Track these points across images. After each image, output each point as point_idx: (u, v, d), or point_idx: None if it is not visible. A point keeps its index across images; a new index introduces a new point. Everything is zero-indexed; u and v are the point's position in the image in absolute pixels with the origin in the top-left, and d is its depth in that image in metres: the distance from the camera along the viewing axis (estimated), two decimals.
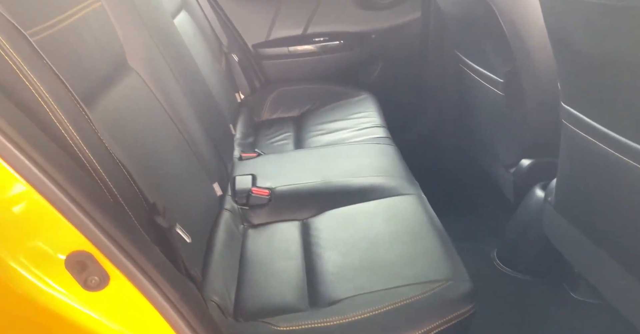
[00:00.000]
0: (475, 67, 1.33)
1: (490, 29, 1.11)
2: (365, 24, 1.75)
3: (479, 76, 1.32)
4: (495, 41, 1.14)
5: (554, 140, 0.95)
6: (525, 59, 1.08)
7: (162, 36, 0.96)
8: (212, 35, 1.52)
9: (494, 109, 1.29)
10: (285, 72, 1.81)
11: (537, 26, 1.02)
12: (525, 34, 1.04)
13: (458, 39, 1.45)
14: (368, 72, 1.82)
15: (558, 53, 0.82)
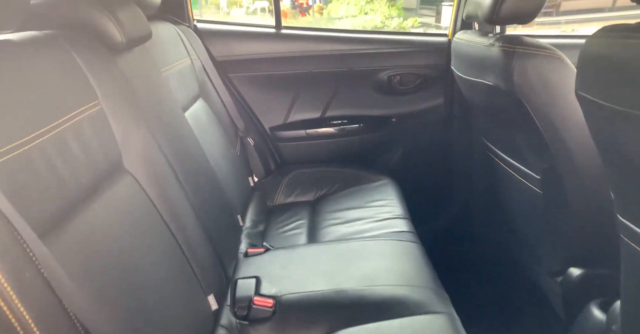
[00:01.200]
0: (506, 159, 1.22)
1: (521, 123, 1.02)
2: (386, 108, 1.71)
3: (511, 168, 1.21)
4: (528, 136, 1.04)
5: (608, 249, 0.80)
6: (565, 158, 0.97)
7: (166, 133, 0.91)
8: (228, 121, 1.50)
9: (532, 205, 1.15)
10: (302, 154, 1.75)
11: (576, 122, 0.92)
12: (563, 130, 0.95)
13: (485, 127, 1.37)
14: (388, 156, 1.75)
15: (607, 161, 0.71)
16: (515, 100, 0.98)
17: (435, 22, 10.07)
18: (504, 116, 1.12)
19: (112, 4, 0.83)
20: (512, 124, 1.10)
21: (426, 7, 11.38)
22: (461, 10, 1.49)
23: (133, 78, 0.87)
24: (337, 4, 10.56)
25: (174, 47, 1.25)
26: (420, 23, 10.14)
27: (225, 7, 11.71)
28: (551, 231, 1.10)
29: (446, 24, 1.59)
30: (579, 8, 7.99)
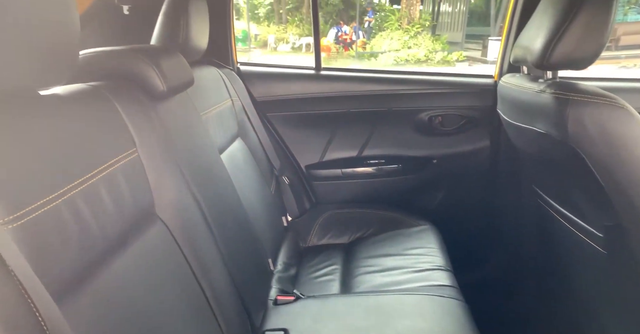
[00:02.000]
0: (562, 211, 1.10)
1: (578, 175, 0.92)
2: (426, 149, 1.64)
3: (567, 222, 1.09)
4: (586, 189, 0.93)
5: None
6: (632, 216, 0.85)
7: (200, 177, 0.91)
8: (264, 160, 1.50)
9: (594, 266, 1.02)
10: (337, 194, 1.71)
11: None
12: (629, 186, 0.83)
13: (535, 175, 1.26)
14: (428, 199, 1.66)
15: None
16: (570, 150, 0.88)
17: (482, 56, 9.99)
18: (558, 165, 1.02)
19: (157, 54, 0.86)
20: (567, 175, 0.99)
21: (472, 41, 11.35)
22: (508, 53, 1.43)
23: (172, 124, 0.88)
24: (380, 39, 10.79)
25: (216, 90, 1.29)
26: (465, 57, 10.08)
27: (272, 43, 12.37)
28: (618, 297, 0.96)
29: (492, 58, 1.53)
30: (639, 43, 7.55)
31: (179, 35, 1.04)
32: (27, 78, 0.54)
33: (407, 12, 10.93)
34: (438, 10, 13.27)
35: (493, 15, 10.78)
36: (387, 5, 12.30)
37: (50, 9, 0.53)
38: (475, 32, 11.65)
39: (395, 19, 11.05)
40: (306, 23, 12.71)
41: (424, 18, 11.27)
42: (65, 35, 0.56)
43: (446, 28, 12.90)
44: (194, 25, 1.08)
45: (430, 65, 9.82)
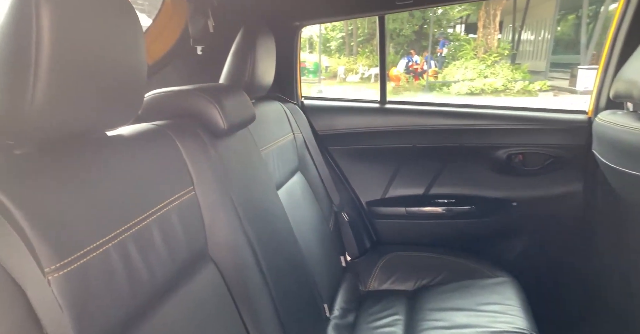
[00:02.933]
0: None
1: None
2: (505, 189, 1.47)
3: None
4: None
5: None
6: None
7: (255, 216, 0.88)
8: (324, 195, 1.45)
9: None
10: (401, 233, 1.58)
11: None
12: None
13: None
14: (507, 247, 1.46)
15: None
16: None
17: (569, 85, 9.21)
18: None
19: (220, 93, 0.87)
20: None
21: (557, 70, 10.57)
22: (606, 86, 1.24)
23: (230, 161, 0.88)
24: (454, 69, 10.52)
25: (279, 125, 1.28)
26: (550, 86, 9.37)
27: (342, 74, 12.72)
28: None
29: (582, 88, 1.34)
30: None
31: (245, 72, 1.06)
32: (96, 120, 0.56)
33: (483, 42, 10.58)
34: (519, 39, 12.67)
35: (584, 43, 9.96)
36: (462, 35, 12.06)
37: (120, 52, 0.54)
38: (561, 60, 10.84)
39: (471, 48, 10.75)
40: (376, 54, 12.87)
41: (502, 47, 10.82)
42: (134, 78, 0.58)
43: (528, 57, 12.22)
44: (260, 62, 1.10)
45: (509, 95, 9.27)
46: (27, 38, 0.43)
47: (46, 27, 0.44)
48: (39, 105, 0.45)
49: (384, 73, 1.60)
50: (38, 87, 0.44)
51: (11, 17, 0.44)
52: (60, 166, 0.52)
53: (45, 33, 0.44)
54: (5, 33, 0.44)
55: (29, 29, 0.43)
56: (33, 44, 0.43)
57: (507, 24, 13.45)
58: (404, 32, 12.34)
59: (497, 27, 10.79)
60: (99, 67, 0.51)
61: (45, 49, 0.44)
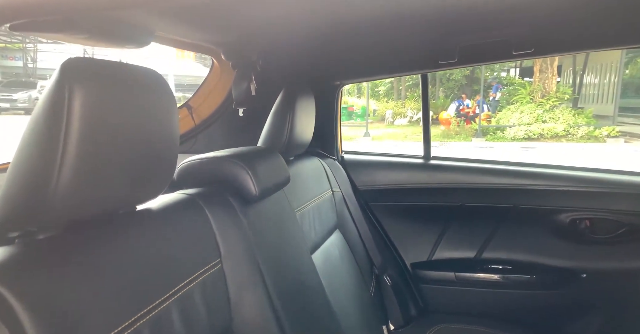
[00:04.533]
0: None
1: None
2: (571, 259, 1.29)
3: None
4: None
5: None
6: None
7: (286, 290, 0.82)
8: (364, 255, 1.37)
9: None
10: (451, 301, 1.43)
11: None
12: None
13: None
14: (578, 324, 1.26)
15: None
16: None
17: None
18: None
19: (254, 158, 0.86)
20: None
21: (628, 115, 9.83)
22: None
23: (262, 229, 0.85)
24: (508, 113, 10.14)
25: (317, 182, 1.26)
26: (620, 132, 8.66)
27: (389, 118, 12.75)
28: None
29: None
30: None
31: (283, 132, 1.06)
32: (124, 198, 0.55)
33: (540, 86, 10.19)
34: (580, 82, 12.08)
35: None
36: (516, 78, 11.75)
37: (152, 128, 0.54)
38: (631, 104, 10.10)
39: (527, 92, 10.38)
40: None
41: (562, 91, 10.33)
42: (166, 152, 0.57)
43: (592, 100, 11.55)
44: (299, 122, 1.10)
45: (571, 140, 8.68)
46: (58, 123, 0.44)
47: (77, 112, 0.44)
48: (64, 188, 0.45)
49: (427, 128, 1.54)
50: (63, 172, 0.44)
51: (46, 101, 0.45)
52: (80, 250, 0.50)
53: (75, 119, 0.44)
54: (39, 116, 0.45)
55: (60, 113, 0.44)
56: (62, 129, 0.44)
57: (567, 67, 12.95)
58: (454, 76, 12.29)
59: (555, 71, 10.39)
60: (130, 146, 0.51)
61: (73, 134, 0.44)
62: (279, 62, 1.32)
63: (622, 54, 9.57)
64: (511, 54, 1.15)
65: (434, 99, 12.30)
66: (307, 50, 1.27)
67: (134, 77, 0.52)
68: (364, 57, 1.35)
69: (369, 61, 1.37)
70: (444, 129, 10.16)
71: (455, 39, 1.15)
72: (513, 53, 1.15)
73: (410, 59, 1.31)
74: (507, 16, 0.98)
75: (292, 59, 1.34)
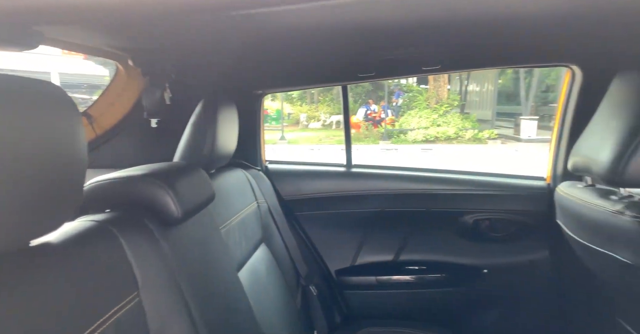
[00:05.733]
0: None
1: None
2: (474, 256, 1.44)
3: None
4: None
5: None
6: None
7: (212, 314, 0.77)
8: (290, 267, 1.35)
9: None
10: (373, 305, 1.49)
11: None
12: None
13: (619, 306, 1.03)
14: (481, 317, 1.41)
15: None
16: None
17: (514, 134, 9.93)
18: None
19: (174, 175, 0.79)
20: None
21: (503, 119, 11.43)
22: (561, 155, 1.30)
23: (185, 252, 0.78)
24: (409, 117, 11.07)
25: (241, 195, 1.21)
26: (497, 134, 10.05)
27: (304, 121, 12.97)
28: None
29: (525, 136, 1.39)
30: None
31: (204, 146, 0.99)
32: (14, 232, 0.45)
33: (435, 93, 11.33)
34: (466, 90, 13.69)
35: (523, 95, 10.97)
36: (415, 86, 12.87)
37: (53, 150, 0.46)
38: (506, 110, 11.77)
39: (424, 99, 11.45)
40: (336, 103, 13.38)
41: (452, 98, 11.62)
42: (69, 173, 0.49)
43: (475, 106, 13.16)
44: (221, 133, 1.04)
45: (461, 142, 9.80)
46: None
47: None
48: None
49: (349, 137, 1.59)
50: None
51: None
52: None
53: None
54: None
55: None
56: None
57: (455, 76, 14.58)
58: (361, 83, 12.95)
59: (446, 79, 11.65)
60: (19, 170, 0.42)
61: None
62: (197, 71, 1.23)
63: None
64: (421, 69, 1.25)
65: None
66: (227, 58, 1.21)
67: (25, 90, 0.44)
68: (285, 68, 1.34)
69: (290, 71, 1.36)
70: (355, 133, 10.69)
71: (373, 54, 1.20)
72: (423, 68, 1.25)
73: (332, 71, 1.34)
74: (417, 35, 1.05)
75: (211, 67, 1.26)
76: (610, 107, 0.88)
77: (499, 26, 0.96)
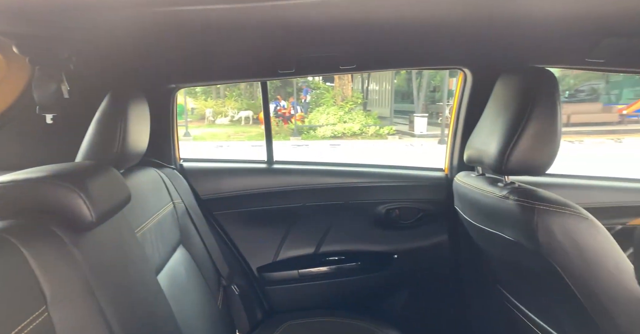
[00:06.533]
0: (537, 321, 1.05)
1: (554, 287, 0.87)
2: (387, 243, 1.56)
3: (540, 330, 1.03)
4: (562, 301, 0.88)
5: None
6: (611, 328, 0.80)
7: (132, 324, 0.72)
8: (210, 268, 1.31)
9: None
10: (294, 299, 1.53)
11: (627, 296, 0.79)
12: (611, 305, 0.80)
13: (500, 275, 1.22)
14: (393, 300, 1.54)
15: None
16: (544, 261, 0.85)
17: (409, 129, 10.90)
18: (532, 275, 0.98)
19: (85, 176, 0.71)
20: (543, 286, 0.95)
21: (399, 116, 12.45)
22: (457, 148, 1.47)
23: (100, 259, 0.71)
24: (318, 114, 11.38)
25: (156, 196, 1.13)
26: (395, 130, 10.91)
27: (210, 116, 12.44)
28: None
29: (418, 132, 1.57)
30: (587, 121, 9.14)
31: (114, 144, 0.91)
32: None
33: (340, 90, 11.82)
34: (367, 89, 14.55)
35: (416, 94, 12.11)
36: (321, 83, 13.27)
37: None
38: (402, 108, 12.86)
39: (330, 96, 11.87)
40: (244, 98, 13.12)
41: (355, 96, 12.24)
42: None
43: (376, 104, 14.08)
44: (132, 129, 0.96)
45: (365, 138, 10.42)
46: None
47: None
48: None
49: (269, 133, 1.59)
50: None
51: None
52: None
53: None
54: None
55: None
56: None
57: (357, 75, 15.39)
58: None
59: (349, 77, 12.23)
60: None
61: None
62: (102, 61, 1.11)
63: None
64: (338, 68, 1.31)
65: (254, 100, 12.65)
66: (136, 49, 1.11)
67: None
68: (201, 61, 1.28)
69: (207, 65, 1.30)
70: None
71: (293, 51, 1.22)
72: (340, 67, 1.31)
73: (251, 67, 1.32)
74: (334, 35, 1.10)
75: (118, 57, 1.15)
76: (495, 106, 1.03)
77: (406, 30, 1.05)
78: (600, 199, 1.39)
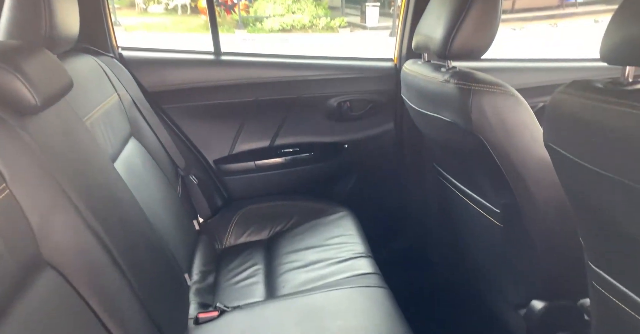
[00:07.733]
0: (463, 189, 1.22)
1: (481, 160, 1.01)
2: (338, 134, 1.64)
3: (468, 199, 1.21)
4: (488, 172, 1.03)
5: (570, 282, 0.84)
6: (526, 195, 0.97)
7: (96, 201, 0.75)
8: (166, 160, 1.32)
9: (492, 238, 1.16)
10: (252, 188, 1.62)
11: (533, 160, 0.93)
12: (522, 169, 0.94)
13: (437, 154, 1.36)
14: (343, 185, 1.69)
15: (578, 211, 0.71)
16: (474, 137, 0.96)
17: (361, 21, 10.36)
18: (462, 150, 1.11)
19: (19, 56, 0.64)
20: (470, 159, 1.09)
21: (351, 7, 11.65)
22: (406, 37, 1.47)
23: (51, 143, 0.70)
24: (264, 3, 10.31)
25: (98, 86, 1.06)
26: (347, 22, 10.32)
27: (142, 4, 10.84)
28: (512, 264, 1.12)
29: (371, 24, 1.58)
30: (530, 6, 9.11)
31: (40, 23, 0.80)
32: None
33: None
34: None
35: None
36: None
37: None
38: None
39: None
40: None
41: None
42: None
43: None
44: (59, 6, 0.84)
45: (316, 31, 9.82)
46: None
47: None
48: None
49: (215, 22, 1.46)
50: None
51: None
52: None
53: None
54: None
55: None
56: None
57: None
58: None
59: None
60: None
61: None
62: None
63: None
64: None
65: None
66: None
67: None
68: None
69: None
70: (205, 19, 9.55)
71: None
72: None
73: None
74: None
75: None
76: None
77: None
78: (529, 80, 1.53)
